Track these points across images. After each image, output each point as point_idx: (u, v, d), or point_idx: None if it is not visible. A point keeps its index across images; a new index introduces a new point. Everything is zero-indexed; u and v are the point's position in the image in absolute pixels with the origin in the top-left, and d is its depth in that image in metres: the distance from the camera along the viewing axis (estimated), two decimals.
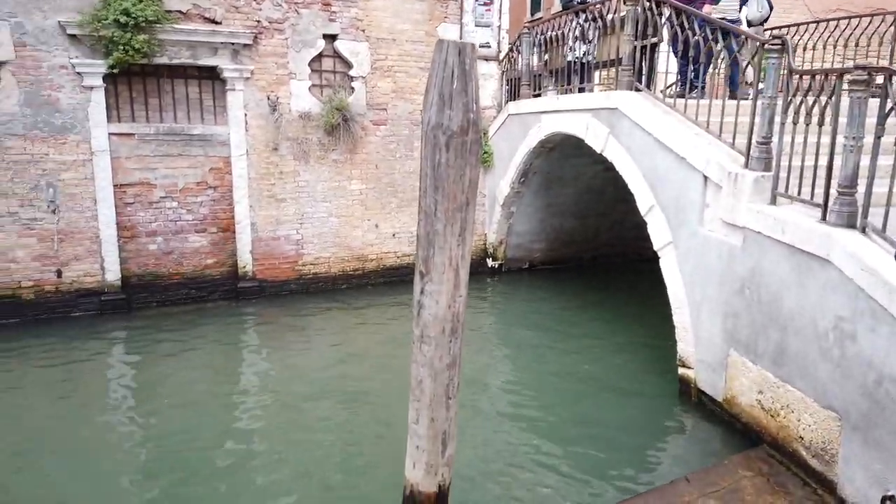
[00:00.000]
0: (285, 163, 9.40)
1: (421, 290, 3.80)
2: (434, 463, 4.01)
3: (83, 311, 8.55)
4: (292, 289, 9.74)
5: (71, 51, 7.94)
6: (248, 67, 8.85)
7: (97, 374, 7.11)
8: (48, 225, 8.25)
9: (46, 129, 8.03)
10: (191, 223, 9.09)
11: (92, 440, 5.64)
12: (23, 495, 4.80)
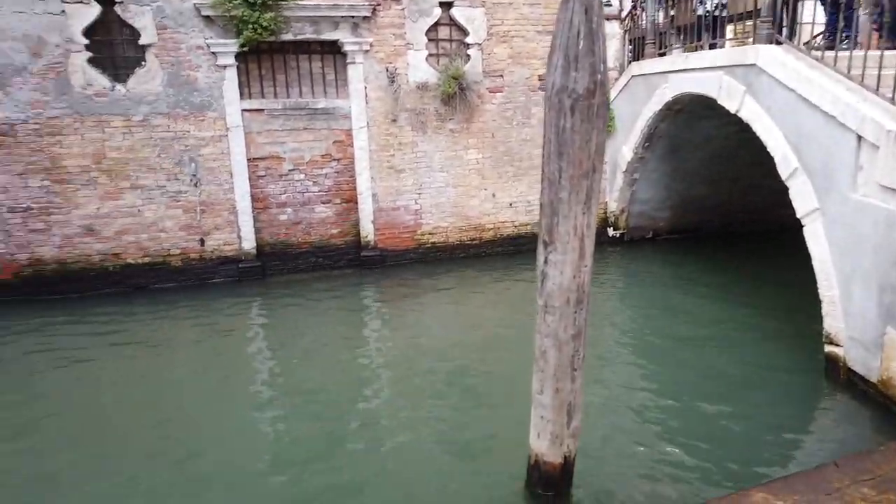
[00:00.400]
0: (404, 134, 9.53)
1: (545, 259, 3.72)
2: (559, 434, 3.96)
3: (223, 277, 9.21)
4: (411, 258, 9.95)
5: (206, 31, 8.43)
6: (367, 40, 9.00)
7: (236, 335, 7.63)
8: (191, 197, 8.92)
9: (187, 107, 8.62)
10: (317, 194, 9.48)
11: (230, 393, 6.10)
12: (173, 430, 5.29)
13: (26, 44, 7.89)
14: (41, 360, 6.89)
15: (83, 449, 5.13)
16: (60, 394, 6.18)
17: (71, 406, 5.90)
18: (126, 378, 6.43)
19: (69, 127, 8.27)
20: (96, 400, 6.04)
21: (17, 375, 6.57)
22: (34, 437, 5.33)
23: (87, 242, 8.66)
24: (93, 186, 8.52)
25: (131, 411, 5.77)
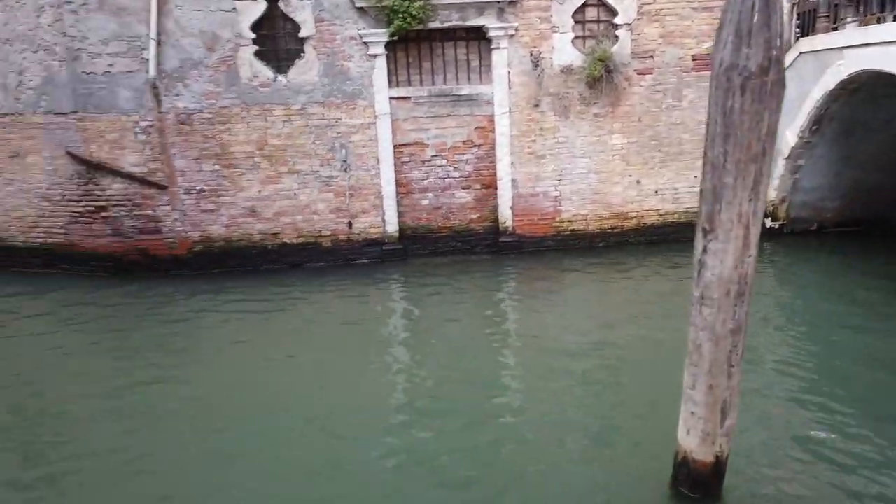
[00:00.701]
0: (545, 119, 9.40)
1: (703, 248, 3.51)
2: (711, 432, 3.76)
3: (368, 258, 9.65)
4: (549, 245, 9.83)
5: (359, 22, 8.81)
6: (512, 25, 8.96)
7: (378, 315, 8.00)
8: (342, 182, 9.40)
9: (340, 95, 9.08)
10: (457, 180, 9.64)
11: (370, 372, 6.40)
12: (314, 408, 5.63)
13: (202, 39, 8.68)
14: (206, 327, 7.63)
15: (235, 410, 5.61)
16: (219, 360, 6.80)
17: (226, 372, 6.48)
18: (276, 349, 6.95)
19: (237, 116, 9.02)
20: (250, 368, 6.57)
21: (185, 341, 7.31)
22: (195, 390, 5.92)
23: (249, 222, 9.43)
24: (256, 171, 9.24)
25: (277, 382, 6.21)
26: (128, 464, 4.85)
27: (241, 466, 4.75)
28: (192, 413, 5.59)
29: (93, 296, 8.62)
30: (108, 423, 5.46)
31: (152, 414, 5.58)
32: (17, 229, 9.58)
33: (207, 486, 4.54)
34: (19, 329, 7.76)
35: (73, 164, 8.98)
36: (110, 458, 4.93)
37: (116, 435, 5.25)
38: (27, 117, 8.96)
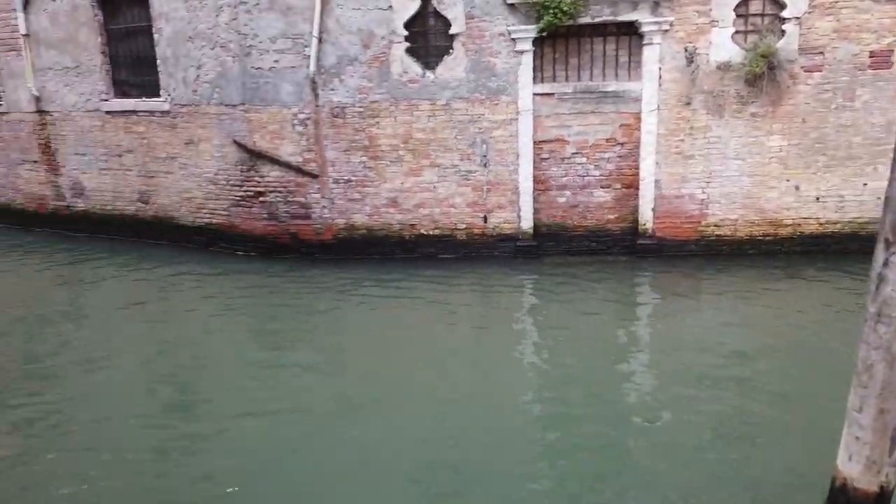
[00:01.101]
0: (697, 118, 8.98)
1: (884, 261, 3.24)
2: (878, 460, 3.47)
3: (501, 253, 9.71)
4: (692, 250, 9.40)
5: (509, 19, 8.86)
6: (667, 19, 8.62)
7: (508, 310, 8.05)
8: (480, 177, 9.52)
9: (484, 91, 9.19)
10: (597, 179, 9.45)
11: (496, 368, 6.46)
12: (438, 391, 5.77)
13: (359, 37, 9.12)
14: (346, 310, 8.04)
15: (370, 396, 5.88)
16: (356, 344, 7.18)
17: (363, 351, 6.81)
18: (409, 338, 7.21)
19: (386, 110, 9.39)
20: (386, 354, 6.84)
21: (326, 322, 7.76)
22: (341, 369, 6.27)
23: (390, 213, 9.80)
24: (399, 163, 9.58)
25: (406, 365, 6.45)
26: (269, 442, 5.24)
27: (376, 453, 4.99)
28: (330, 401, 5.92)
29: (248, 274, 9.38)
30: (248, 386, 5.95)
31: (292, 392, 5.99)
32: (187, 209, 10.60)
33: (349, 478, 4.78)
34: (183, 300, 8.61)
35: (238, 153, 9.78)
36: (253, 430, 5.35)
37: (254, 401, 5.70)
38: (202, 108, 9.88)
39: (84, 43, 10.54)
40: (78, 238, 11.53)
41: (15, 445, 5.16)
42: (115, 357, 6.81)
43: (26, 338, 7.47)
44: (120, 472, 4.75)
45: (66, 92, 11.02)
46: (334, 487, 4.52)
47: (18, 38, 11.02)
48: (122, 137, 10.78)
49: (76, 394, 6.05)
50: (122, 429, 5.38)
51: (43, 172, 11.83)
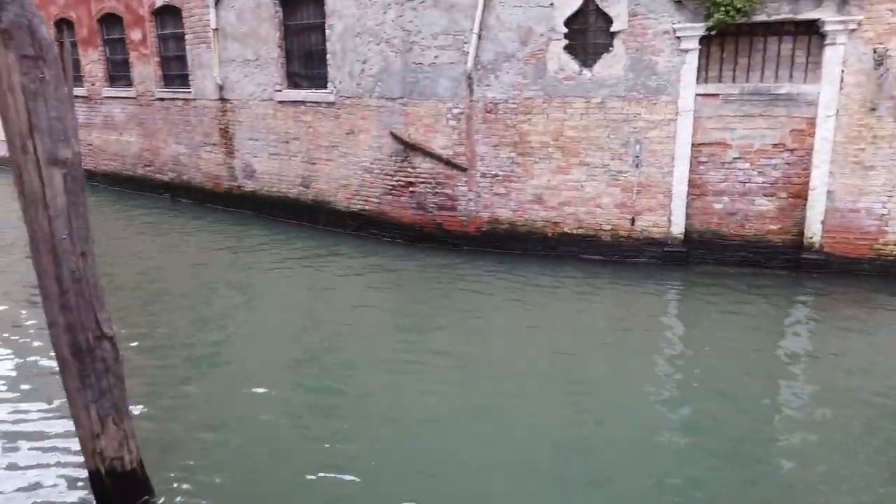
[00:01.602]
0: (882, 125, 8.19)
1: None
2: None
3: (646, 258, 9.44)
4: (865, 269, 8.60)
5: (675, 16, 8.57)
6: (854, 18, 7.94)
7: (649, 317, 7.76)
8: (630, 177, 9.31)
9: (642, 90, 8.96)
10: (759, 186, 8.91)
11: (633, 378, 6.27)
12: (576, 396, 5.71)
13: (518, 34, 9.23)
14: (484, 301, 8.18)
15: (501, 389, 5.96)
16: (496, 332, 7.27)
17: (499, 344, 6.90)
18: (546, 337, 7.20)
19: (538, 107, 9.44)
20: (518, 344, 6.91)
21: (467, 313, 7.93)
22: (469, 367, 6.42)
23: (534, 209, 9.85)
24: (548, 161, 9.59)
25: (543, 364, 6.46)
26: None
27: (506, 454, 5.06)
28: (463, 391, 6.08)
29: (394, 260, 9.83)
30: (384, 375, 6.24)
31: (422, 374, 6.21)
32: (342, 195, 11.29)
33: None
34: (330, 279, 9.18)
35: (393, 144, 10.27)
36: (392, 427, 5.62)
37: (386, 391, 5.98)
38: (364, 100, 10.47)
39: (264, 37, 11.52)
40: (245, 215, 12.66)
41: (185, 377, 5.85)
42: (261, 322, 7.51)
43: (202, 298, 8.39)
44: (254, 429, 5.23)
45: (245, 82, 12.12)
46: (467, 480, 4.62)
47: (209, 32, 12.27)
48: (290, 126, 11.68)
49: (229, 350, 6.72)
50: (262, 378, 5.90)
51: (221, 155, 13.10)
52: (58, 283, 3.77)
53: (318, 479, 4.60)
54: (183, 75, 13.39)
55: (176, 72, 13.57)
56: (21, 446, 4.95)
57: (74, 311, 3.83)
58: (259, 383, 6.00)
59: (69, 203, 3.70)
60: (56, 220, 3.67)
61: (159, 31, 13.58)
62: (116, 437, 4.12)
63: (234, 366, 6.50)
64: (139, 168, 15.09)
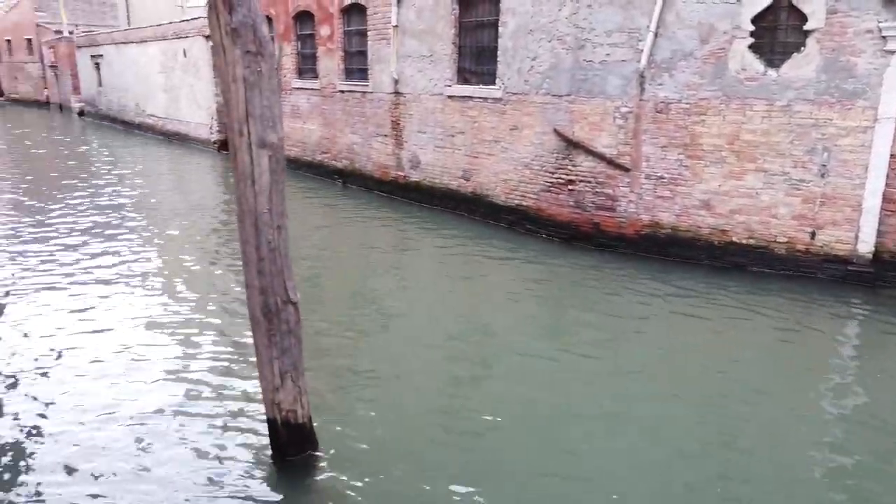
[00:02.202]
0: None
1: None
2: None
3: (825, 275, 8.66)
4: None
5: (882, 14, 7.74)
6: None
7: (826, 340, 7.13)
8: (814, 187, 8.57)
9: (836, 94, 8.20)
10: None
11: (806, 397, 5.78)
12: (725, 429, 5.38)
13: (698, 31, 8.83)
14: (636, 306, 7.95)
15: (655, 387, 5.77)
16: (645, 340, 7.05)
17: (647, 353, 6.68)
18: (693, 349, 6.87)
19: (714, 108, 8.98)
20: (670, 356, 6.65)
21: (617, 313, 7.77)
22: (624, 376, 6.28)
23: (700, 215, 9.39)
24: (719, 165, 9.10)
25: (693, 380, 6.14)
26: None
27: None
28: (604, 397, 5.99)
29: (547, 257, 9.87)
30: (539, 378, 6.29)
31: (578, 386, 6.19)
32: (501, 189, 11.51)
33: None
34: (483, 269, 9.42)
35: (556, 141, 10.29)
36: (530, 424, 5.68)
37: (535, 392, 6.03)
38: (530, 97, 10.59)
39: (440, 34, 12.04)
40: (408, 204, 13.35)
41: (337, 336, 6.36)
42: (417, 299, 7.89)
43: (365, 274, 9.03)
44: (404, 404, 5.56)
45: (419, 77, 12.75)
46: (606, 488, 4.63)
47: (390, 29, 13.05)
48: (456, 120, 12.12)
49: (378, 339, 7.18)
50: (416, 350, 6.25)
51: (391, 145, 13.91)
52: (256, 251, 4.31)
53: (459, 439, 4.98)
54: (362, 69, 14.37)
55: (357, 66, 14.59)
56: (213, 390, 5.73)
57: (267, 277, 4.36)
58: (413, 354, 6.48)
59: (272, 182, 4.21)
60: (260, 196, 4.20)
61: (345, 28, 14.67)
62: (292, 392, 4.63)
63: (392, 336, 7.00)
64: (318, 155, 16.43)
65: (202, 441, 4.99)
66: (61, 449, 4.87)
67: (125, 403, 5.50)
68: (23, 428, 5.13)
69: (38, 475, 4.57)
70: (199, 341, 6.77)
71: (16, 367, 6.12)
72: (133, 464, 4.70)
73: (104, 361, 6.24)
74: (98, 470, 4.62)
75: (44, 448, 4.88)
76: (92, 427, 5.15)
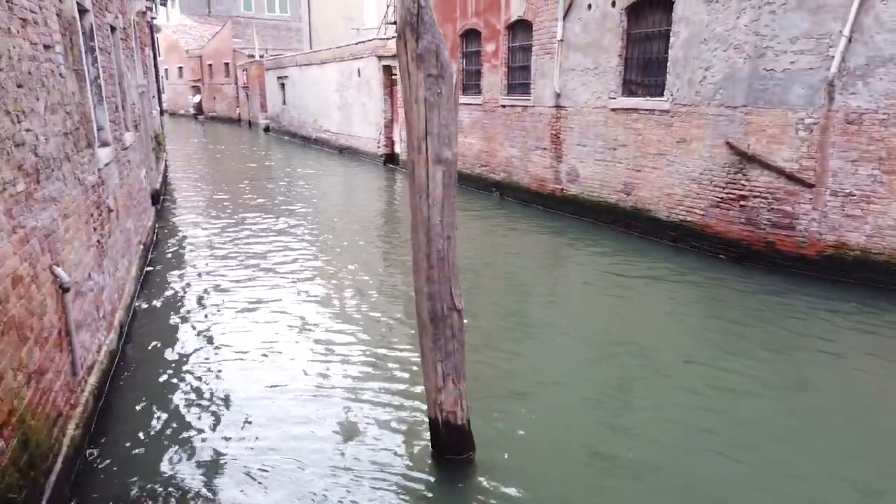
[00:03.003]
0: None
1: None
2: None
3: None
4: None
5: None
6: None
7: None
8: None
9: None
10: None
11: None
12: None
13: None
14: (818, 336, 7.28)
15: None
16: (826, 381, 6.41)
17: (824, 400, 6.05)
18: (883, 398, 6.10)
19: None
20: (866, 407, 5.98)
21: (796, 342, 7.14)
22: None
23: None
24: None
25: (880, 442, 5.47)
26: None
27: None
28: (766, 435, 5.53)
29: (716, 276, 9.35)
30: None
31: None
32: (664, 204, 11.10)
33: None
34: (643, 288, 9.11)
35: (728, 154, 9.74)
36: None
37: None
38: (701, 108, 10.13)
39: (606, 47, 11.90)
40: (564, 217, 13.30)
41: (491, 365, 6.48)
42: (570, 312, 7.82)
43: (520, 284, 9.14)
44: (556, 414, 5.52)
45: (581, 90, 12.68)
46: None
47: (554, 44, 13.13)
48: (619, 132, 11.89)
49: (536, 349, 7.18)
50: (568, 362, 6.18)
51: (549, 158, 13.96)
52: (427, 259, 4.59)
53: (606, 458, 4.91)
54: (524, 84, 14.57)
55: (519, 81, 14.83)
56: (381, 385, 6.14)
57: (436, 284, 4.62)
58: (567, 370, 6.46)
59: (444, 195, 4.47)
60: (433, 208, 4.47)
61: (510, 44, 14.98)
62: (453, 395, 4.86)
63: (546, 350, 7.03)
64: (476, 167, 16.89)
65: (367, 431, 5.37)
66: (242, 409, 5.51)
67: (298, 382, 6.15)
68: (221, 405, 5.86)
69: (218, 433, 5.20)
70: (368, 339, 7.27)
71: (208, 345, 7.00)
72: (299, 443, 5.17)
73: (277, 351, 6.93)
74: (267, 437, 5.15)
75: (231, 410, 5.53)
76: (266, 399, 5.79)
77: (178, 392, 6.08)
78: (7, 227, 3.76)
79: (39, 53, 4.85)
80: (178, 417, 5.61)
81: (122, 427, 5.41)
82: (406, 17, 4.09)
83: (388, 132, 22.64)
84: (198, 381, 6.29)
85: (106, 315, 6.36)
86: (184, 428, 5.43)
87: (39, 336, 4.17)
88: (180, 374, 6.46)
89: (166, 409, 5.75)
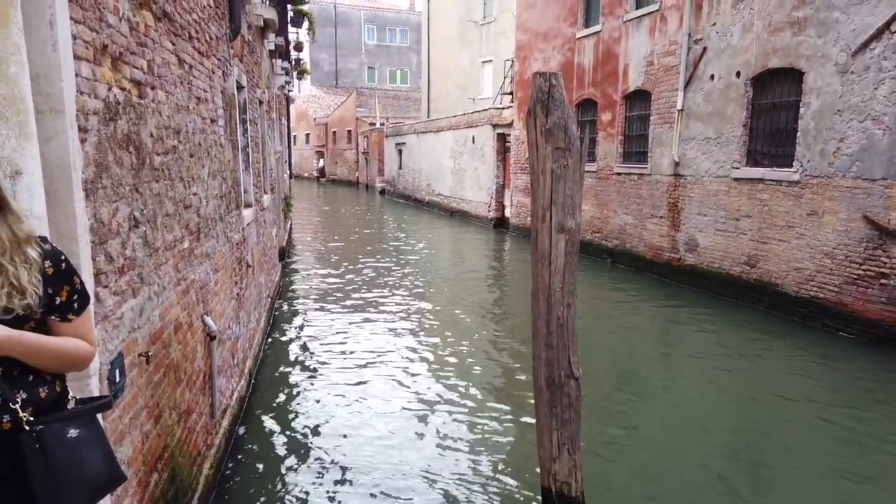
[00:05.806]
0: None
1: None
2: None
3: None
4: None
5: None
6: None
7: None
8: None
9: None
10: None
11: None
12: None
13: None
14: None
15: None
16: None
17: None
18: None
19: None
20: None
21: None
22: None
23: None
24: None
25: None
26: None
27: None
28: None
29: (851, 358, 8.64)
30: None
31: None
32: (793, 279, 10.49)
33: None
34: (765, 366, 8.54)
35: (866, 229, 9.14)
36: None
37: None
38: (835, 181, 9.63)
39: (729, 116, 11.68)
40: (680, 287, 12.85)
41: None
42: (685, 390, 7.42)
43: (630, 356, 8.86)
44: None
45: (702, 159, 12.44)
46: None
47: (674, 113, 13.06)
48: (743, 203, 11.48)
49: (645, 415, 6.87)
50: (685, 442, 5.84)
51: (665, 227, 13.66)
52: (546, 325, 4.64)
53: None
54: (640, 152, 14.50)
55: (635, 149, 14.78)
56: (493, 449, 6.13)
57: (554, 350, 4.65)
58: (680, 447, 6.13)
59: (566, 263, 4.55)
60: (554, 276, 4.55)
61: (626, 113, 15.05)
62: (568, 465, 4.78)
63: (658, 424, 6.72)
64: (588, 234, 16.77)
65: (476, 501, 5.35)
66: (347, 458, 5.65)
67: (405, 433, 6.24)
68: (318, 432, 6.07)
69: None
70: (482, 398, 7.31)
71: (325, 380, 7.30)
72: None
73: (391, 411, 7.09)
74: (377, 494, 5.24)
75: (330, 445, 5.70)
76: (374, 455, 5.89)
77: (297, 441, 6.37)
78: (174, 279, 4.24)
79: (207, 126, 5.51)
80: (295, 468, 5.87)
81: (246, 471, 5.73)
82: (537, 96, 4.31)
83: (498, 196, 23.07)
84: (314, 434, 6.57)
85: (238, 363, 6.84)
86: (299, 482, 5.67)
87: (190, 379, 4.59)
88: (299, 422, 6.77)
89: (286, 456, 6.04)
